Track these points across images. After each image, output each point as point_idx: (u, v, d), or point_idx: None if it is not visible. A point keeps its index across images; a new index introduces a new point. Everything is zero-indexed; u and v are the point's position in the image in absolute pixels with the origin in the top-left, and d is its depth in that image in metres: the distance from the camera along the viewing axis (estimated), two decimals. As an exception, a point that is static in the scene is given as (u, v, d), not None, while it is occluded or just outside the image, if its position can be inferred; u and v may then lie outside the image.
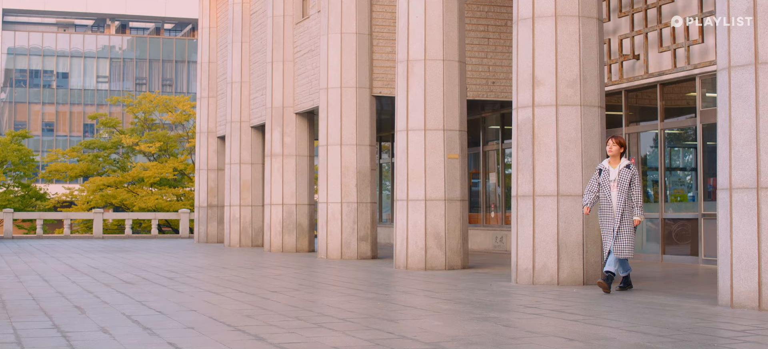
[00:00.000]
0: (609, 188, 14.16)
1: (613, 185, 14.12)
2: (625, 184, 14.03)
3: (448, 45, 19.69)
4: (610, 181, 14.17)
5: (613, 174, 14.18)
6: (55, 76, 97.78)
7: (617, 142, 14.17)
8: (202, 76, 37.42)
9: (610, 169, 14.23)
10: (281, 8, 28.37)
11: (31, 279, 17.33)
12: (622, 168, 14.14)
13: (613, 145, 14.16)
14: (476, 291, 14.49)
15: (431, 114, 19.62)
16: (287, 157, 28.24)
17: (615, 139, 14.19)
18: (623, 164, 14.16)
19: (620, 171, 14.14)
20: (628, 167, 14.13)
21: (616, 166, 14.19)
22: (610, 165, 14.24)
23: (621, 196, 14.02)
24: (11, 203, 52.88)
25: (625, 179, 14.05)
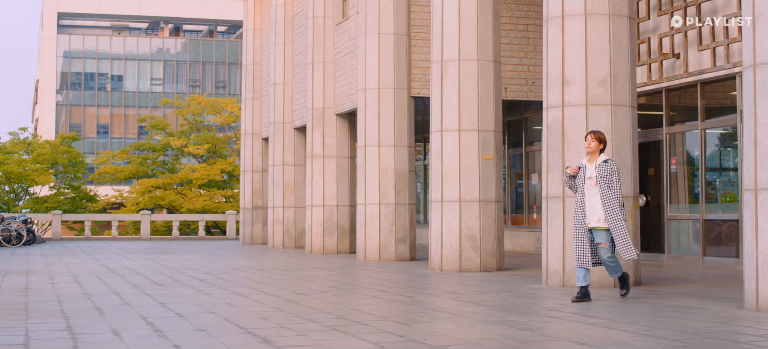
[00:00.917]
0: (585, 186, 13.05)
1: (591, 182, 12.96)
2: (604, 181, 12.86)
3: (483, 45, 19.51)
4: (587, 178, 13.03)
5: (591, 170, 13.03)
6: (109, 78, 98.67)
7: (596, 137, 13.06)
8: (247, 78, 37.50)
9: (588, 166, 13.10)
10: (321, 9, 28.33)
11: (63, 280, 17.41)
12: (600, 163, 12.96)
13: (591, 140, 13.05)
14: (503, 294, 14.31)
15: (465, 114, 19.45)
16: (328, 158, 28.19)
17: (594, 134, 13.11)
18: (601, 160, 13.00)
19: (598, 167, 12.95)
20: (607, 162, 12.96)
21: (593, 163, 13.06)
22: (588, 162, 13.12)
23: (604, 192, 12.86)
24: (61, 205, 53.37)
25: (605, 176, 12.85)
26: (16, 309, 12.26)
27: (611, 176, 12.87)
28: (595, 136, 13.06)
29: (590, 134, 13.11)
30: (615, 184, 12.87)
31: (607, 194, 12.79)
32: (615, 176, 12.87)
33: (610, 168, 12.89)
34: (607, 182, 12.84)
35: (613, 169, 12.89)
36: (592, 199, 12.92)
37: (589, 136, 13.10)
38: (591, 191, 12.94)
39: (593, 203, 12.90)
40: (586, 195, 12.98)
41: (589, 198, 12.95)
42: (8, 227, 34.69)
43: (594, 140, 13.04)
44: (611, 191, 12.82)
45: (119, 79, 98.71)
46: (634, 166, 15.54)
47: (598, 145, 13.03)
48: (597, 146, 13.03)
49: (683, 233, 21.86)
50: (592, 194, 12.93)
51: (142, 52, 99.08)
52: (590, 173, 13.01)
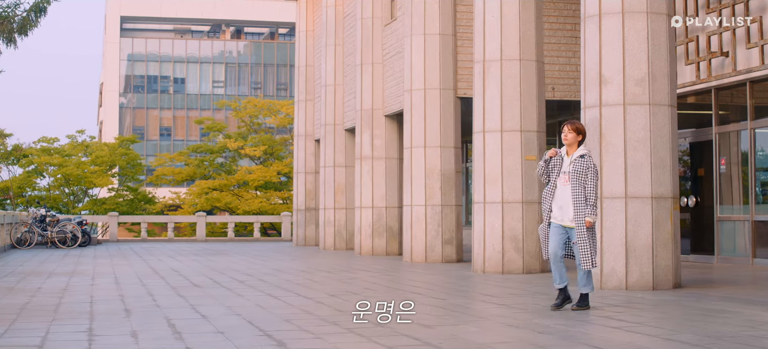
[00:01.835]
0: (559, 179, 11.99)
1: (564, 178, 11.89)
2: (579, 176, 11.75)
3: (525, 44, 19.31)
4: (562, 172, 11.93)
5: (566, 164, 11.93)
6: (171, 81, 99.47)
7: (573, 128, 11.94)
8: (299, 80, 37.56)
9: (564, 159, 11.99)
10: (370, 10, 28.28)
11: (104, 282, 17.50)
12: (576, 158, 11.85)
13: (568, 132, 11.95)
14: (538, 296, 14.13)
15: (508, 115, 19.27)
16: (377, 159, 28.13)
17: (570, 125, 11.98)
18: (578, 154, 11.87)
19: (574, 161, 11.84)
20: (584, 157, 11.83)
21: (571, 157, 11.97)
22: (566, 154, 12.02)
23: (576, 190, 11.75)
24: (119, 207, 53.87)
25: (581, 171, 11.74)
26: (47, 310, 12.32)
27: (587, 173, 11.74)
28: (571, 127, 11.98)
29: (566, 125, 12.03)
30: (590, 182, 11.75)
31: (578, 193, 11.73)
32: (591, 172, 11.75)
33: (586, 164, 11.78)
34: (582, 178, 11.75)
35: (590, 166, 11.78)
36: (564, 195, 11.89)
37: (566, 127, 12.03)
38: (564, 187, 11.89)
39: (566, 200, 11.87)
40: (558, 189, 11.94)
41: (561, 193, 11.92)
42: (63, 229, 35.02)
43: (571, 131, 11.95)
44: (585, 187, 11.73)
45: (181, 81, 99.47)
46: (674, 166, 15.26)
47: (575, 137, 11.94)
48: (574, 138, 11.94)
49: (734, 234, 21.47)
50: (565, 191, 11.88)
51: (203, 54, 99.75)
52: (566, 167, 11.94)
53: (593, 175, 11.77)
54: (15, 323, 10.95)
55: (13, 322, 11.04)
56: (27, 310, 12.44)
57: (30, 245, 34.47)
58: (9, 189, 52.74)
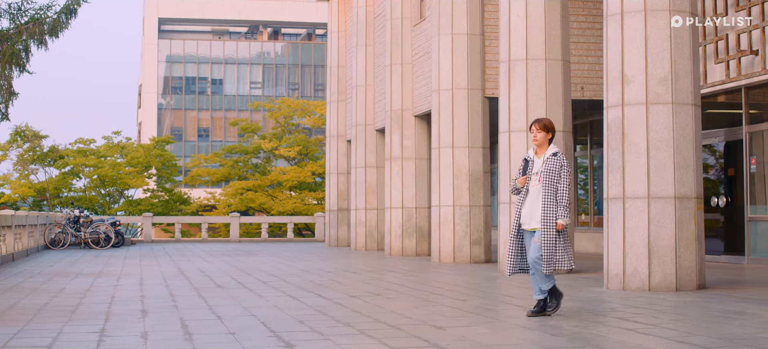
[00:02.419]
0: (531, 182, 11.36)
1: (536, 178, 11.27)
2: (552, 176, 11.16)
3: (551, 44, 19.18)
4: (533, 173, 11.33)
5: (538, 164, 11.35)
6: (209, 82, 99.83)
7: (541, 126, 11.37)
8: (331, 80, 37.56)
9: (535, 160, 11.42)
10: (399, 10, 28.23)
11: (128, 283, 17.55)
12: (548, 157, 11.28)
13: (536, 131, 11.38)
14: (559, 297, 13.99)
15: (533, 115, 19.12)
16: (406, 160, 28.06)
17: (538, 123, 11.41)
18: (549, 153, 11.30)
19: (546, 161, 11.26)
20: (556, 155, 11.24)
21: (541, 156, 11.40)
22: (536, 155, 11.45)
23: (549, 191, 11.15)
24: (154, 208, 54.13)
25: (553, 170, 11.15)
26: (65, 311, 12.36)
27: (560, 171, 11.15)
28: (539, 125, 11.38)
29: (535, 124, 11.43)
30: (562, 181, 11.17)
31: (549, 193, 11.11)
32: (563, 171, 11.18)
33: (558, 162, 11.19)
34: (555, 178, 11.16)
35: (563, 164, 11.20)
36: (535, 196, 11.27)
37: (534, 126, 11.41)
38: (536, 188, 11.27)
39: (537, 201, 11.25)
40: (531, 192, 11.30)
41: (533, 195, 11.29)
42: (96, 230, 35.23)
43: (539, 131, 11.36)
44: (556, 189, 11.13)
45: (219, 82, 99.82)
46: (698, 166, 15.09)
47: (545, 136, 11.36)
48: (544, 137, 11.36)
49: (765, 234, 21.21)
50: (537, 192, 11.25)
51: (241, 55, 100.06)
52: (537, 167, 11.34)
53: (566, 174, 11.20)
54: (30, 323, 10.99)
55: (28, 322, 11.08)
56: (45, 310, 12.48)
57: (64, 245, 34.69)
58: (45, 190, 53.12)
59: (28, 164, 53.42)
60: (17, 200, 53.56)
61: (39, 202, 54.21)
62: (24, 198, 53.82)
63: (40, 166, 54.03)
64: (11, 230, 25.46)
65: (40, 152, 53.26)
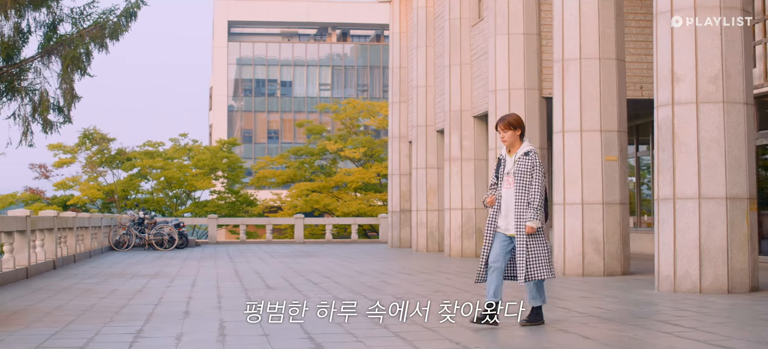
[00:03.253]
0: (503, 183, 10.52)
1: (508, 179, 10.46)
2: (525, 177, 10.32)
3: (605, 43, 18.96)
4: (505, 174, 10.49)
5: (509, 164, 10.50)
6: (279, 84, 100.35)
7: (506, 125, 10.42)
8: (393, 81, 37.54)
9: (507, 159, 10.55)
10: (458, 11, 28.12)
11: (180, 284, 17.65)
12: (520, 156, 10.41)
13: (502, 131, 10.45)
14: (607, 299, 13.82)
15: (587, 115, 18.94)
16: (465, 161, 27.94)
17: (502, 122, 10.46)
18: (521, 151, 10.43)
19: (517, 160, 10.40)
20: (528, 154, 10.37)
21: (513, 156, 10.50)
22: (508, 154, 10.57)
23: (521, 194, 10.33)
24: (220, 209, 54.51)
25: (524, 171, 10.31)
26: (109, 312, 12.46)
27: (532, 172, 10.32)
28: (504, 124, 10.45)
29: (499, 124, 10.49)
30: (535, 181, 10.34)
31: (521, 196, 10.31)
32: (536, 171, 10.34)
33: (531, 162, 10.35)
34: (527, 179, 10.33)
35: (535, 163, 10.36)
36: (508, 199, 10.46)
37: (499, 126, 10.49)
38: (508, 190, 10.45)
39: (509, 204, 10.44)
40: (503, 194, 10.48)
41: (506, 198, 10.47)
42: (160, 231, 35.55)
43: (506, 130, 10.43)
44: (528, 190, 10.31)
45: (289, 84, 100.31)
46: (750, 166, 14.80)
47: (513, 134, 10.42)
48: (512, 135, 10.43)
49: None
50: (509, 194, 10.44)
51: (310, 57, 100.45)
52: (509, 167, 10.50)
53: (539, 174, 10.36)
54: (71, 324, 11.08)
55: (70, 323, 11.17)
56: (91, 311, 12.59)
57: (128, 247, 35.06)
58: (114, 192, 53.76)
59: (97, 167, 54.09)
60: (86, 201, 54.25)
61: (108, 204, 54.87)
62: (93, 200, 54.51)
63: (108, 169, 54.68)
64: (72, 232, 25.77)
65: (108, 155, 53.89)
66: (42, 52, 27.48)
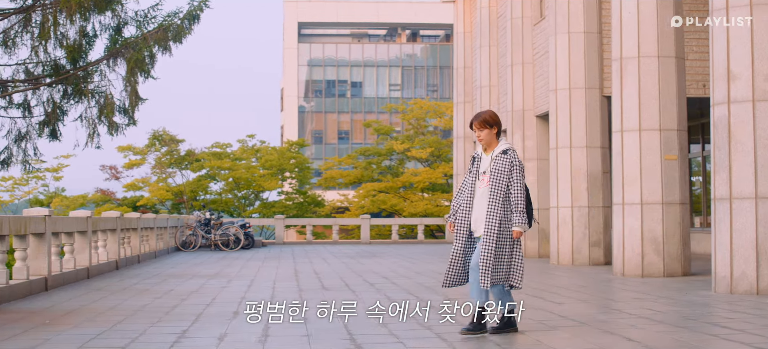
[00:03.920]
0: (478, 182, 9.90)
1: (484, 179, 9.80)
2: (501, 176, 9.64)
3: (664, 40, 18.72)
4: (481, 173, 9.88)
5: (485, 163, 9.87)
6: (349, 85, 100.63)
7: (481, 123, 9.84)
8: (458, 81, 37.49)
9: (483, 157, 9.94)
10: (519, 10, 27.98)
11: (237, 285, 17.74)
12: (497, 154, 9.76)
13: (478, 129, 9.87)
14: (661, 300, 13.65)
15: (646, 113, 18.72)
16: (528, 161, 27.77)
17: (478, 120, 9.88)
18: (499, 150, 9.78)
19: (494, 159, 9.75)
20: (505, 153, 9.72)
21: (489, 154, 9.87)
22: (484, 153, 9.94)
23: (496, 194, 9.64)
24: (288, 210, 54.77)
25: (501, 170, 9.66)
26: (159, 312, 12.55)
27: (510, 172, 9.68)
28: (479, 122, 9.87)
29: (475, 122, 9.92)
30: (514, 182, 9.69)
31: (495, 197, 9.63)
32: (515, 171, 9.70)
33: (508, 161, 9.71)
34: (504, 179, 9.66)
35: (514, 163, 9.72)
36: (481, 199, 9.81)
37: (474, 124, 9.91)
38: (482, 190, 9.80)
39: (483, 205, 9.79)
40: (476, 194, 9.84)
41: (479, 198, 9.83)
42: (226, 232, 35.81)
43: (481, 128, 9.83)
44: (507, 192, 9.68)
45: (358, 85, 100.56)
46: (809, 165, 14.52)
47: (489, 132, 9.81)
48: (488, 134, 9.81)
49: None
50: (483, 195, 9.79)
51: (380, 58, 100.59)
52: (485, 166, 9.86)
53: (518, 174, 9.71)
54: (119, 324, 11.19)
55: (118, 323, 11.28)
56: (142, 311, 12.70)
57: (194, 247, 35.36)
58: (182, 193, 54.28)
59: (166, 168, 54.65)
60: (155, 202, 54.85)
61: (177, 204, 55.42)
62: (162, 201, 55.09)
63: (177, 170, 55.22)
64: (136, 233, 26.06)
65: (177, 156, 54.43)
66: (107, 55, 27.83)
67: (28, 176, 51.88)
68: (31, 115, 28.61)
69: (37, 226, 16.01)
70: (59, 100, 28.47)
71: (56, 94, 28.47)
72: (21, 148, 28.74)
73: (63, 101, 28.56)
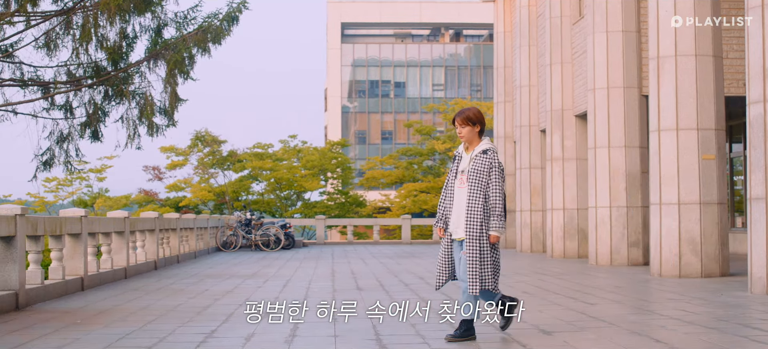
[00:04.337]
0: (457, 181, 9.59)
1: (462, 178, 9.51)
2: (479, 177, 9.33)
3: (701, 39, 18.55)
4: (459, 172, 9.57)
5: (465, 162, 9.56)
6: (392, 85, 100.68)
7: (464, 120, 9.52)
8: (498, 81, 37.35)
9: (464, 156, 9.62)
10: (558, 9, 27.85)
11: (273, 284, 17.80)
12: (477, 154, 9.44)
13: (460, 126, 9.56)
14: (695, 301, 13.52)
15: (683, 113, 18.57)
16: (567, 160, 27.63)
17: (460, 117, 9.55)
18: (479, 149, 9.46)
19: (473, 158, 9.45)
20: (485, 153, 9.39)
21: (470, 153, 9.54)
22: (465, 152, 9.62)
23: (475, 194, 9.32)
24: (330, 210, 54.86)
25: (480, 171, 9.33)
26: (190, 312, 12.61)
27: (489, 172, 9.34)
28: (461, 119, 9.55)
29: (457, 118, 9.60)
30: (492, 184, 9.34)
31: (474, 198, 9.30)
32: (494, 172, 9.36)
33: (487, 161, 9.38)
34: (482, 180, 9.33)
35: (493, 163, 9.38)
36: (460, 200, 9.51)
37: (457, 120, 9.61)
38: (460, 189, 9.51)
39: (461, 206, 9.51)
40: (456, 195, 9.56)
41: (458, 199, 9.54)
42: (267, 232, 35.93)
43: (464, 125, 9.51)
44: (485, 194, 9.33)
45: (402, 85, 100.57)
46: None
47: (471, 130, 9.48)
48: (470, 131, 9.48)
49: None
50: (461, 195, 9.50)
51: (423, 58, 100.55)
52: (464, 165, 9.56)
53: (497, 176, 9.37)
54: (149, 324, 11.25)
55: (148, 323, 11.35)
56: (174, 311, 12.76)
57: (235, 247, 35.51)
58: (225, 193, 54.52)
59: (208, 168, 54.93)
60: (198, 203, 55.16)
61: (219, 205, 55.68)
62: (204, 201, 55.39)
63: (219, 170, 55.48)
64: (176, 233, 26.20)
65: (219, 157, 54.68)
66: (147, 57, 28.02)
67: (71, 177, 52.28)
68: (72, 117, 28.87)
69: (73, 226, 16.15)
70: (100, 101, 28.71)
71: (97, 95, 28.71)
72: (63, 150, 28.99)
73: (104, 103, 28.79)
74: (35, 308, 13.44)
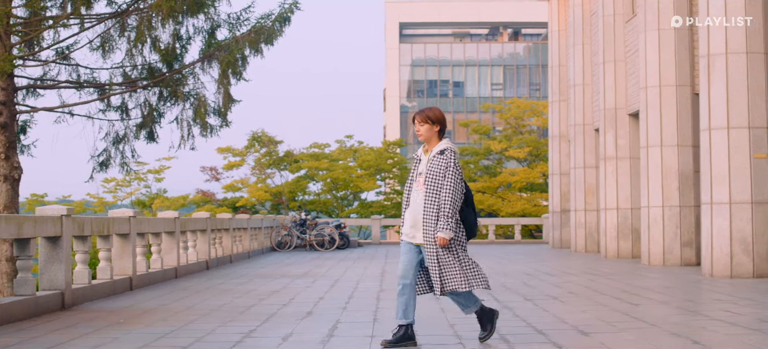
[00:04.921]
0: (414, 185, 9.32)
1: (420, 180, 9.24)
2: (436, 179, 9.04)
3: (753, 36, 18.34)
4: (418, 174, 9.30)
5: (423, 164, 9.30)
6: (451, 85, 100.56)
7: (423, 118, 9.22)
8: (553, 80, 37.16)
9: (422, 158, 9.36)
10: (611, 7, 27.65)
11: (321, 284, 17.85)
12: (434, 155, 9.15)
13: (418, 124, 9.28)
14: (742, 302, 13.38)
15: (734, 111, 18.36)
16: (621, 160, 27.42)
17: (420, 115, 9.26)
18: (437, 150, 9.16)
19: (431, 160, 9.16)
20: (442, 154, 9.09)
21: (429, 154, 9.26)
22: (424, 153, 9.34)
23: (431, 198, 9.04)
24: (386, 210, 54.85)
25: (437, 172, 9.05)
26: (234, 312, 12.69)
27: (444, 173, 9.04)
28: (421, 117, 9.27)
29: (417, 116, 9.33)
30: (446, 185, 9.02)
31: (431, 200, 9.01)
32: (449, 173, 9.04)
33: (444, 162, 9.08)
34: (439, 181, 9.04)
35: (449, 164, 9.07)
36: (418, 203, 9.21)
37: (416, 118, 9.33)
38: (418, 191, 9.23)
39: (418, 209, 9.20)
40: (412, 196, 9.29)
41: (416, 202, 9.24)
42: (321, 232, 36.05)
43: (422, 124, 9.23)
44: (439, 194, 9.01)
45: (460, 85, 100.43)
46: None
47: (430, 129, 9.19)
48: (428, 130, 9.19)
49: None
50: (419, 197, 9.20)
51: (482, 57, 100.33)
52: (422, 167, 9.30)
53: (452, 176, 9.05)
54: (190, 324, 11.33)
55: (189, 323, 11.43)
56: (217, 311, 12.84)
57: (289, 247, 35.66)
58: (281, 194, 54.75)
59: (265, 169, 55.18)
60: (255, 203, 55.44)
61: (276, 205, 55.92)
62: (261, 201, 55.65)
63: (275, 171, 55.70)
64: (228, 233, 26.37)
65: (276, 157, 54.91)
66: (201, 58, 28.17)
67: (129, 178, 52.81)
68: (128, 118, 29.09)
69: (121, 227, 16.31)
70: (155, 102, 28.89)
71: (152, 96, 28.90)
72: (119, 151, 29.20)
73: (159, 104, 28.97)
74: (82, 307, 13.59)
